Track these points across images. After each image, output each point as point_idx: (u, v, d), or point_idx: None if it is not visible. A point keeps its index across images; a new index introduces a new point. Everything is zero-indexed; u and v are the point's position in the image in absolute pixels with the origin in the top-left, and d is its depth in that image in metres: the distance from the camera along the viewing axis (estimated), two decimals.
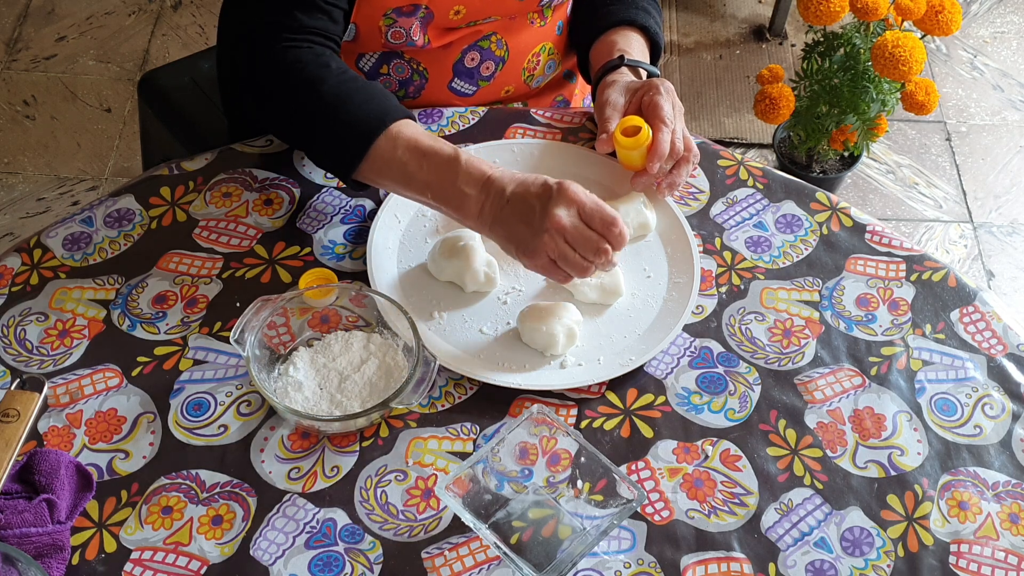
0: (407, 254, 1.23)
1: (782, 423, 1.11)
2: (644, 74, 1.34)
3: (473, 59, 1.38)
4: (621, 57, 1.33)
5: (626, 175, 1.28)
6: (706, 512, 1.05)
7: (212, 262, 1.22)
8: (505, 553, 0.98)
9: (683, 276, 1.21)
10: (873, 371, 1.16)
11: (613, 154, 1.29)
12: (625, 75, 1.32)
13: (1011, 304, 2.33)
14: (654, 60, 1.40)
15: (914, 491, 1.07)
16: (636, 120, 1.22)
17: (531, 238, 1.09)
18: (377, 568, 1.01)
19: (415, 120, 1.19)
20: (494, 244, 1.23)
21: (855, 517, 1.05)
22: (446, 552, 1.02)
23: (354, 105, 1.17)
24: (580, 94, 1.58)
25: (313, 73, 1.18)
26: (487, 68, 1.40)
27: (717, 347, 1.17)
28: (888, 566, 1.02)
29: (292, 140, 1.27)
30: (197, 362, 1.14)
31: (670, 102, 1.24)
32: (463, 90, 1.41)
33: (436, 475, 1.07)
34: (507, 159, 1.31)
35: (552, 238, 1.09)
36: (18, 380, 1.09)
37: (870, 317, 1.20)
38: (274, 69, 1.20)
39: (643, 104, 1.25)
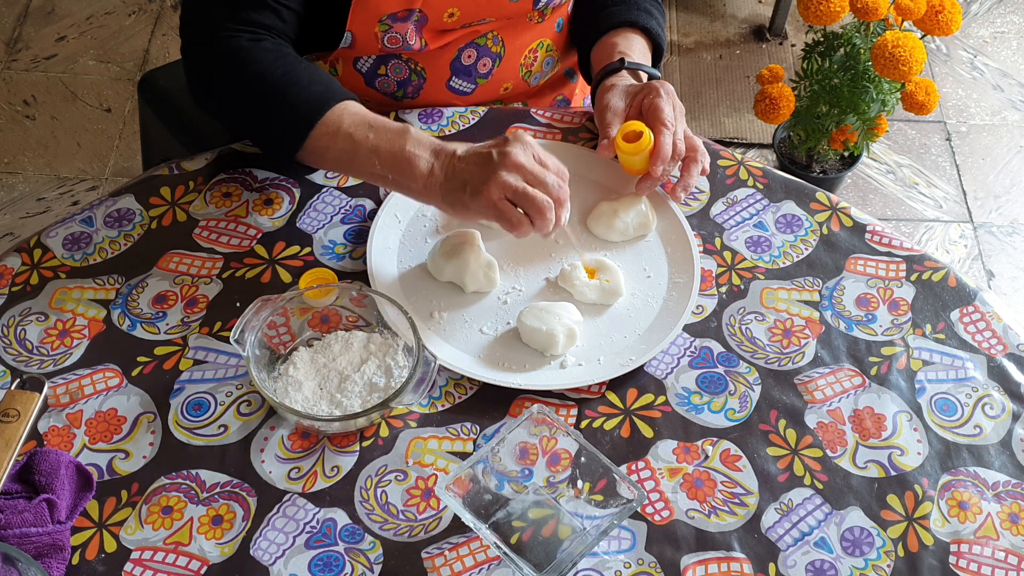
0: (407, 254, 1.23)
1: (782, 423, 1.11)
2: (644, 76, 1.34)
3: (470, 56, 1.38)
4: (621, 60, 1.33)
5: (627, 175, 1.28)
6: (706, 512, 1.05)
7: (212, 262, 1.22)
8: (505, 553, 0.98)
9: (683, 276, 1.21)
10: (873, 371, 1.16)
11: (615, 157, 1.28)
12: (625, 78, 1.32)
13: (1011, 304, 2.33)
14: (656, 62, 1.40)
15: (914, 491, 1.07)
16: (637, 125, 1.22)
17: (487, 177, 1.10)
18: (377, 568, 1.01)
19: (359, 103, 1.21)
20: (495, 244, 1.23)
21: (855, 517, 1.05)
22: (446, 552, 1.02)
23: (301, 84, 1.18)
24: (581, 93, 1.58)
25: (256, 56, 1.19)
26: (484, 65, 1.40)
27: (717, 347, 1.17)
28: (888, 566, 1.02)
29: (238, 124, 1.26)
30: (197, 362, 1.14)
31: (671, 104, 1.24)
32: (462, 88, 1.41)
33: (436, 475, 1.07)
34: None
35: (509, 172, 1.09)
36: (18, 380, 1.09)
37: (870, 317, 1.20)
38: (219, 57, 1.21)
39: (643, 107, 1.25)
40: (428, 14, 1.30)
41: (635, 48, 1.35)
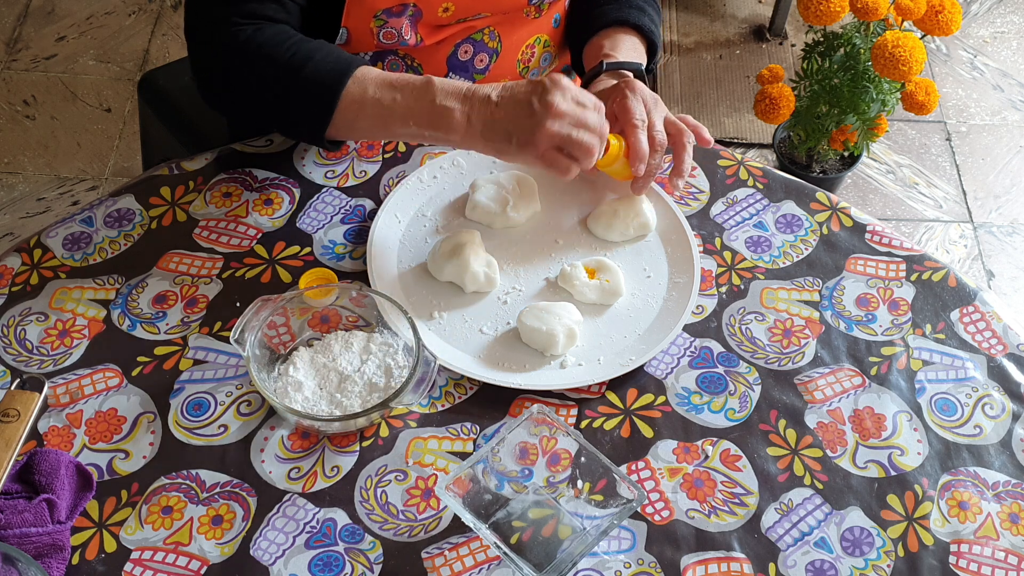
0: (407, 254, 1.23)
1: (782, 423, 1.12)
2: (631, 76, 1.33)
3: (466, 52, 1.38)
4: (601, 63, 1.32)
5: (619, 180, 1.27)
6: (706, 512, 1.05)
7: (212, 262, 1.22)
8: (505, 553, 0.98)
9: (683, 276, 1.21)
10: (873, 371, 1.16)
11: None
12: (606, 82, 1.31)
13: (1011, 304, 2.33)
14: (651, 59, 1.40)
15: (914, 491, 1.07)
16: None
17: (533, 129, 1.10)
18: (377, 568, 1.01)
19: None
20: (495, 244, 1.23)
21: (855, 517, 1.05)
22: (446, 552, 1.02)
23: (315, 61, 1.17)
24: None
25: (267, 44, 1.19)
26: (481, 61, 1.40)
27: (717, 347, 1.17)
28: (888, 566, 1.02)
29: (260, 115, 1.26)
30: (197, 362, 1.14)
31: (639, 100, 1.22)
32: None
33: (436, 475, 1.07)
34: None
35: (555, 122, 1.10)
36: (18, 380, 1.09)
37: (870, 317, 1.20)
38: (226, 54, 1.20)
39: (616, 111, 1.23)
40: (422, 8, 1.29)
41: (623, 48, 1.35)
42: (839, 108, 2.12)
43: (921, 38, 2.00)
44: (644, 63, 1.36)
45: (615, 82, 1.30)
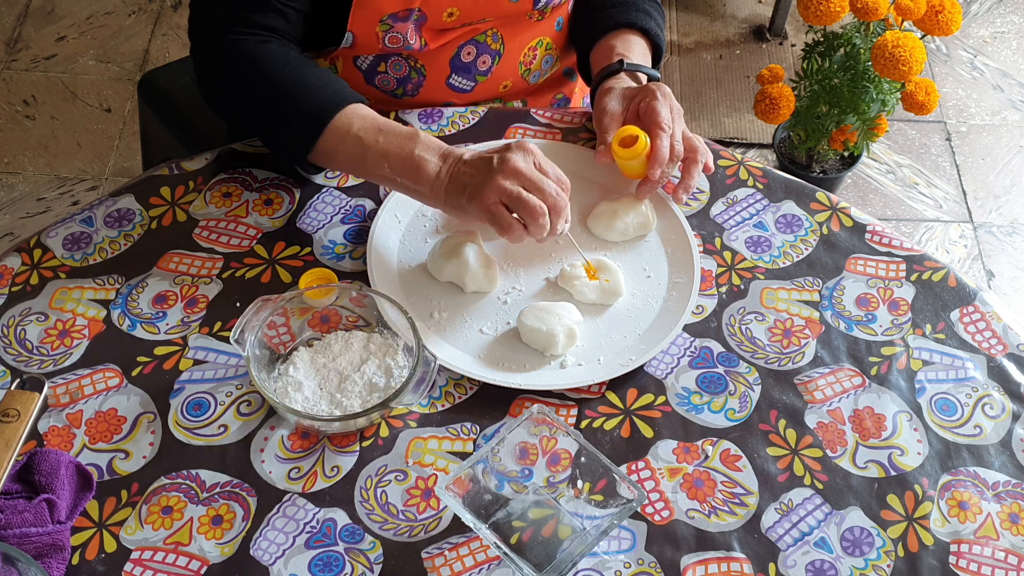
0: (407, 254, 1.23)
1: (782, 423, 1.12)
2: (644, 78, 1.33)
3: (469, 53, 1.38)
4: (620, 62, 1.32)
5: (627, 176, 1.27)
6: (706, 512, 1.05)
7: (212, 262, 1.22)
8: (505, 553, 0.98)
9: (683, 276, 1.21)
10: (873, 371, 1.16)
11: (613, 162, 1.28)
12: (623, 80, 1.32)
13: (1011, 304, 2.33)
14: (656, 63, 1.40)
15: (914, 491, 1.07)
16: (633, 129, 1.22)
17: (485, 181, 1.11)
18: (377, 568, 1.01)
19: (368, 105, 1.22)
20: (495, 244, 1.23)
21: (855, 517, 1.05)
22: (446, 552, 1.02)
23: (309, 88, 1.20)
24: (580, 92, 1.58)
25: (265, 60, 1.21)
26: (484, 62, 1.40)
27: (717, 347, 1.17)
28: (888, 566, 1.02)
29: (248, 128, 1.30)
30: (197, 362, 1.14)
31: (667, 106, 1.24)
32: (461, 86, 1.41)
33: (436, 475, 1.07)
34: None
35: (507, 178, 1.11)
36: (18, 380, 1.09)
37: (870, 317, 1.20)
38: (226, 60, 1.23)
39: (640, 110, 1.25)
40: (427, 13, 1.30)
41: (634, 50, 1.35)
42: (839, 108, 2.13)
43: (921, 38, 2.00)
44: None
45: (631, 83, 1.31)
